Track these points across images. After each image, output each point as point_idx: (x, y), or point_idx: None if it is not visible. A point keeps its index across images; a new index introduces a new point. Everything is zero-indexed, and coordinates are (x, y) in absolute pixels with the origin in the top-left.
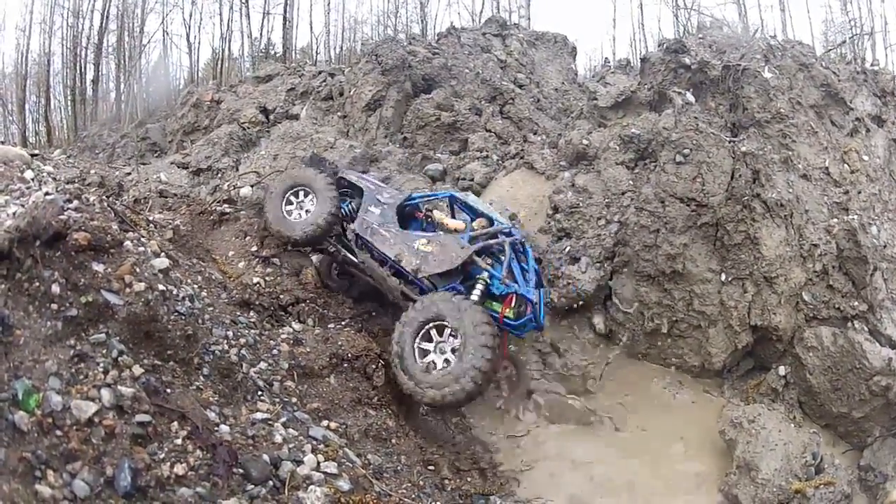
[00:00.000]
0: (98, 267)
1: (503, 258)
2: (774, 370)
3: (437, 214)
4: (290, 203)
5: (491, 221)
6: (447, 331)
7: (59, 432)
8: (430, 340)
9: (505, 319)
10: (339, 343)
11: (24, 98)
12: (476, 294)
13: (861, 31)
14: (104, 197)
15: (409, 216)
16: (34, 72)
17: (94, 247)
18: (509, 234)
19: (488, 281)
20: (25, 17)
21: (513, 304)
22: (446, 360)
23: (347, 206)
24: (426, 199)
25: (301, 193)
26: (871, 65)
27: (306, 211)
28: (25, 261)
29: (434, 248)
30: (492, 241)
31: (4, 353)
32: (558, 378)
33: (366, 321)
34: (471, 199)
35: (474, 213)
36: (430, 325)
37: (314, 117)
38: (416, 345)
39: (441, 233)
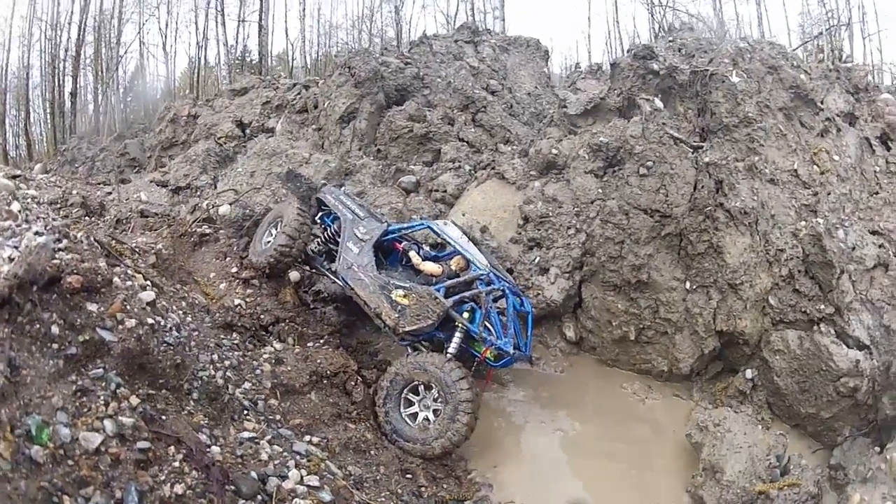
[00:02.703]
0: (92, 307)
1: (481, 305)
2: (742, 373)
3: (413, 257)
4: (270, 234)
5: (468, 262)
6: (421, 388)
7: (70, 462)
8: (411, 403)
9: (486, 360)
10: (319, 361)
11: (4, 112)
12: (454, 344)
13: (838, 22)
14: (89, 231)
15: (387, 249)
16: (13, 85)
17: (86, 288)
18: (487, 281)
19: (466, 328)
20: (4, 30)
21: (492, 348)
22: (435, 412)
23: (332, 223)
24: (403, 231)
25: (279, 224)
26: (844, 61)
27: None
28: (25, 305)
29: (411, 301)
30: (467, 294)
31: (14, 392)
32: (529, 385)
33: (344, 336)
34: (448, 231)
35: (451, 249)
36: (406, 390)
37: (289, 130)
38: (402, 412)
39: (417, 284)
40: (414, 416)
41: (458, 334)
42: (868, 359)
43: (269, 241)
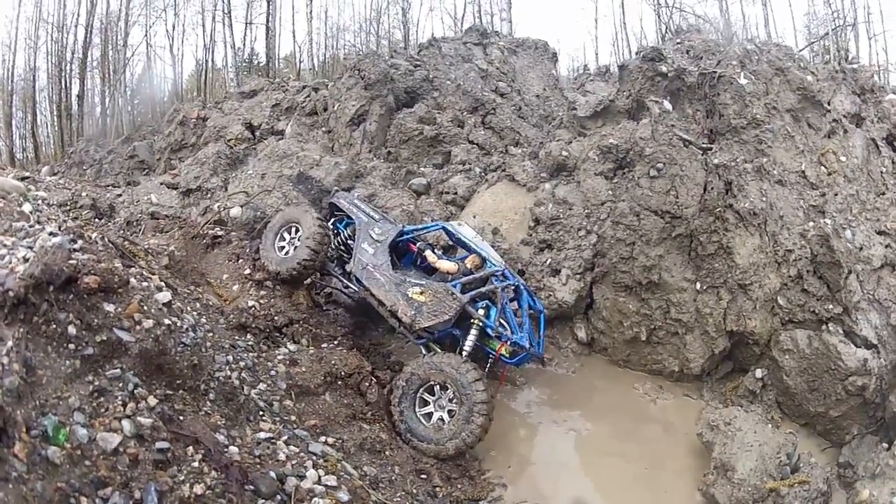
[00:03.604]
0: (109, 307)
1: (497, 301)
2: (752, 373)
3: (429, 255)
4: (283, 239)
5: (483, 260)
6: (436, 388)
7: (87, 462)
8: (427, 403)
9: (501, 356)
10: (333, 362)
11: (11, 114)
12: (469, 342)
13: (844, 22)
14: (104, 233)
15: (402, 250)
16: (20, 88)
17: (103, 288)
18: (503, 277)
19: (482, 324)
20: (11, 32)
21: (508, 344)
22: (450, 412)
23: (344, 228)
24: (417, 232)
25: (293, 230)
26: (850, 62)
27: (294, 247)
28: (41, 305)
29: (427, 298)
30: (484, 289)
31: (30, 393)
32: (542, 386)
33: (357, 337)
34: (463, 231)
35: (467, 247)
36: (422, 390)
37: (299, 133)
38: (417, 412)
39: (433, 281)
40: (429, 415)
41: (473, 331)
42: (876, 358)
43: (284, 248)
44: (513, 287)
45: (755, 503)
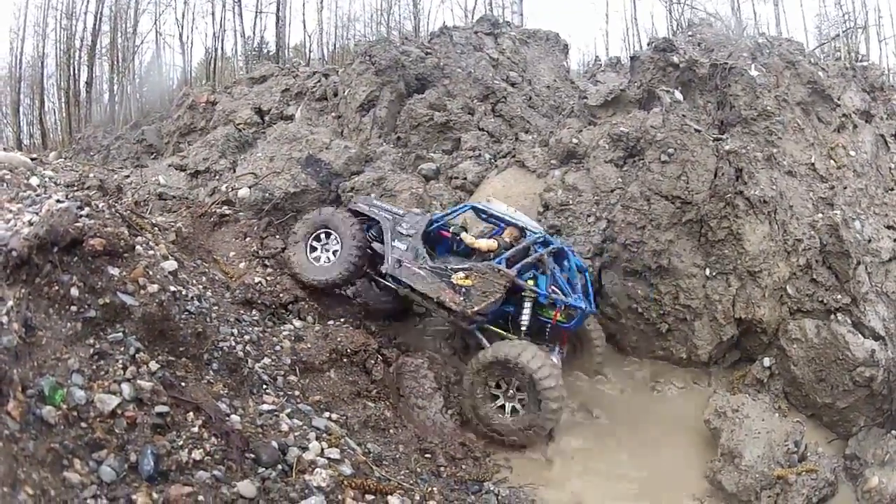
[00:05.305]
0: (113, 270)
1: (545, 268)
2: (759, 361)
3: (465, 237)
4: (314, 249)
5: (522, 231)
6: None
7: (83, 424)
8: (499, 387)
9: (559, 322)
10: (339, 339)
11: (19, 101)
12: (525, 316)
13: (854, 24)
14: (112, 203)
15: (435, 240)
16: (28, 74)
17: (108, 252)
18: (544, 243)
19: (535, 294)
20: (19, 20)
21: (562, 310)
22: (521, 402)
23: (368, 233)
24: (448, 217)
25: (324, 236)
26: (860, 60)
27: (333, 253)
28: (44, 266)
29: (474, 280)
30: (529, 259)
31: (28, 353)
32: None
33: (364, 317)
34: (493, 207)
35: (501, 222)
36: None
37: (309, 118)
38: (489, 406)
39: (476, 262)
40: (502, 408)
41: (526, 304)
42: (884, 349)
43: (318, 257)
44: (556, 250)
45: (762, 490)
